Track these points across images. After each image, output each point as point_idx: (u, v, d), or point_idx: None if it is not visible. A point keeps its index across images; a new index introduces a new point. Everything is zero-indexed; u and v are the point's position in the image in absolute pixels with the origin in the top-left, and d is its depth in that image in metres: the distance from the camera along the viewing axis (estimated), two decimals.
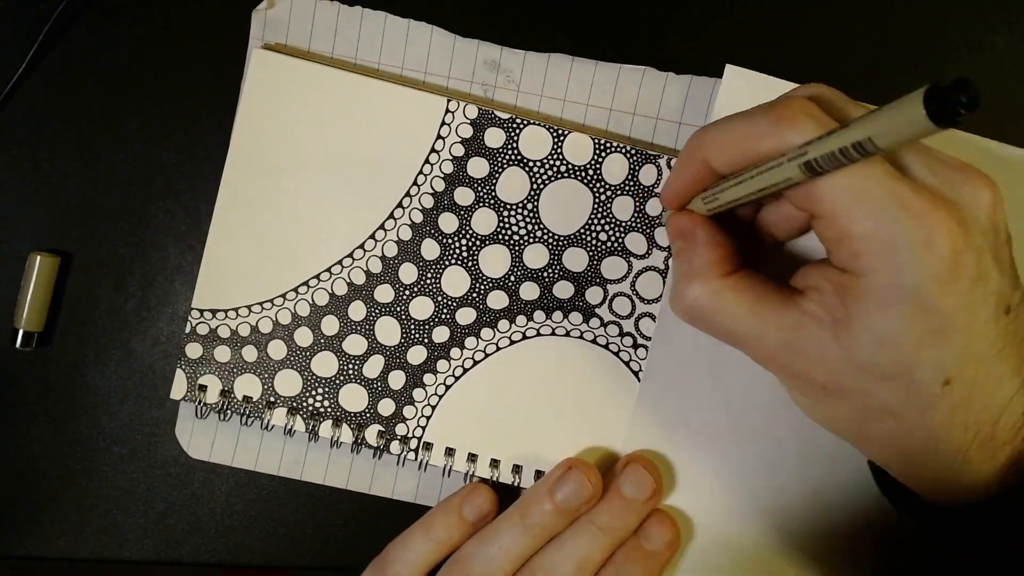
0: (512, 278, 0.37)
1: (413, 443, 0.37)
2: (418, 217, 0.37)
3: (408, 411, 0.37)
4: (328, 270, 0.37)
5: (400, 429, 0.37)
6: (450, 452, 0.37)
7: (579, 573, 0.34)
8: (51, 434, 0.38)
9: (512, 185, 0.37)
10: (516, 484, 0.37)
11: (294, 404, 0.37)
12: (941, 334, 0.26)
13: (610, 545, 0.35)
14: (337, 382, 0.37)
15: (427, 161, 0.37)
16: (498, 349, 0.37)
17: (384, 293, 0.37)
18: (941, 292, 0.25)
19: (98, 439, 0.38)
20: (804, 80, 0.39)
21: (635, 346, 0.37)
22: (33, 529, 0.39)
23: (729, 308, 0.30)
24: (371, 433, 0.37)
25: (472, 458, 0.37)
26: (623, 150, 0.37)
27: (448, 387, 0.37)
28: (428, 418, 0.37)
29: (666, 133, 0.38)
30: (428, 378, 0.37)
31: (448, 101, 0.37)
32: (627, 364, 0.37)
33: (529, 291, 0.37)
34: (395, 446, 0.37)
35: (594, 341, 0.37)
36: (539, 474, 0.37)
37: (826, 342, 0.28)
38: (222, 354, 0.37)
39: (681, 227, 0.32)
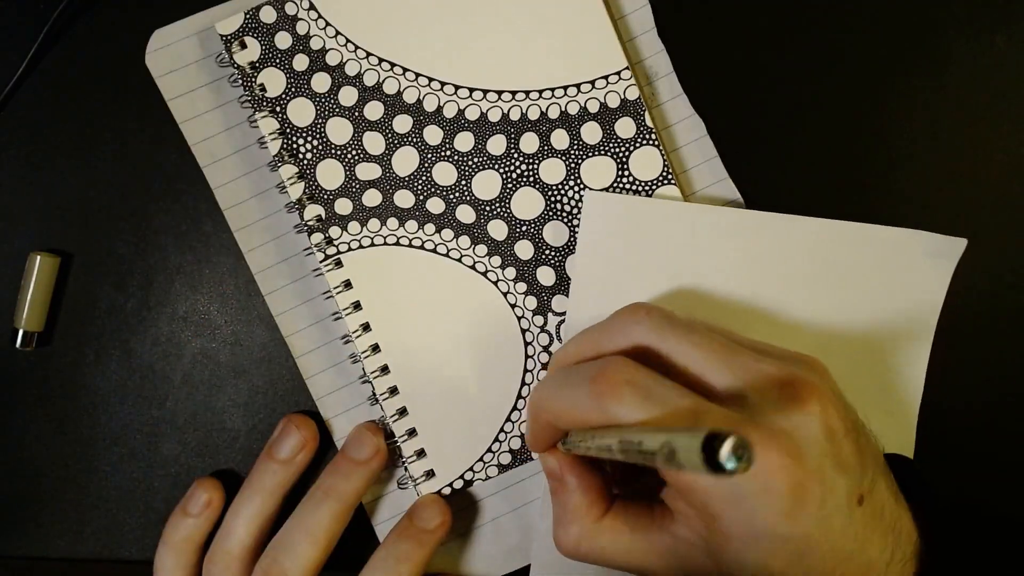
0: (516, 233, 0.37)
1: (331, 250, 0.37)
2: (516, 115, 0.37)
3: (352, 227, 0.37)
4: (421, 76, 0.37)
5: (334, 232, 0.37)
6: (348, 285, 0.37)
7: (309, 540, 0.34)
8: (51, 434, 0.38)
9: (598, 172, 0.37)
10: (364, 372, 0.37)
11: (287, 128, 0.36)
12: (802, 556, 0.28)
13: (340, 508, 0.35)
14: (331, 151, 0.37)
15: (564, 87, 0.37)
16: (431, 249, 0.37)
17: (432, 134, 0.37)
18: (792, 524, 0.27)
19: (98, 439, 0.38)
20: (803, 83, 0.39)
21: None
22: (33, 529, 0.39)
23: (609, 548, 0.32)
24: (311, 210, 0.37)
25: (357, 307, 0.37)
26: None
27: (374, 245, 0.37)
28: (361, 248, 0.37)
29: None
30: (391, 223, 0.37)
31: (624, 68, 0.37)
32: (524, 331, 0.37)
33: (523, 248, 0.37)
34: (316, 237, 0.37)
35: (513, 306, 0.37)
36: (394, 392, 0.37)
37: (703, 563, 0.29)
38: (282, 40, 0.36)
39: (550, 468, 0.34)
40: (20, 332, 0.37)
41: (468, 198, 0.37)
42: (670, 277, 0.36)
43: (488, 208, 0.37)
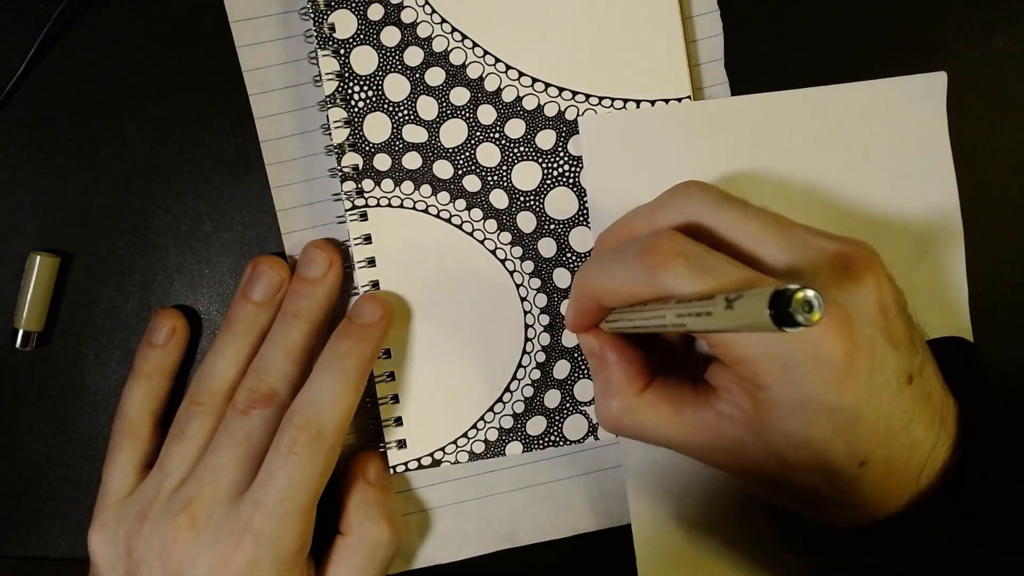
0: (544, 230, 0.37)
1: (360, 201, 0.37)
2: (572, 115, 0.37)
3: (386, 184, 0.37)
4: (489, 54, 0.37)
5: (367, 184, 0.37)
6: (368, 239, 0.37)
7: (287, 358, 0.35)
8: (51, 434, 0.38)
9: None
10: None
11: (346, 72, 0.36)
12: (848, 427, 0.28)
13: (308, 326, 0.35)
14: (383, 105, 0.36)
15: (624, 99, 0.37)
16: (461, 226, 0.37)
17: (486, 113, 0.37)
18: (840, 393, 0.27)
19: (98, 439, 0.38)
20: (802, 83, 0.39)
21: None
22: (33, 529, 0.39)
23: (649, 422, 0.31)
24: (350, 158, 0.36)
25: (371, 263, 0.37)
26: None
27: (403, 207, 0.37)
28: (390, 207, 0.37)
29: None
30: (424, 190, 0.37)
31: (686, 97, 0.37)
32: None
33: (546, 245, 0.37)
34: (348, 185, 0.36)
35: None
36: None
37: (746, 439, 0.29)
38: (374, 12, 0.36)
39: (590, 348, 0.33)
40: (20, 332, 0.37)
41: (505, 184, 0.37)
42: (683, 179, 0.36)
43: (522, 199, 0.37)
